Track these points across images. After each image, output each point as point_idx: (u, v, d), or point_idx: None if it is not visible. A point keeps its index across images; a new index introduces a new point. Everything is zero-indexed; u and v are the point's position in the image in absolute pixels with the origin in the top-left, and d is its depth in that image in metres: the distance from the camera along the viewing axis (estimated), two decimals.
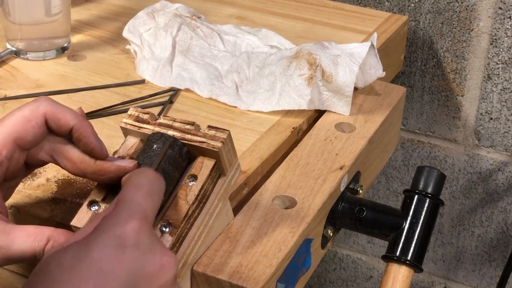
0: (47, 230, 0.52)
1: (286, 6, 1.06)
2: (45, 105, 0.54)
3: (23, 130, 0.53)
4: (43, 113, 0.54)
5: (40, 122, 0.54)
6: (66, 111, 0.54)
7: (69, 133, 0.54)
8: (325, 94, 0.78)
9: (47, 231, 0.52)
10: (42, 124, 0.54)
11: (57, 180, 0.67)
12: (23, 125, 0.53)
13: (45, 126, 0.54)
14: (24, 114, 0.54)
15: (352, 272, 1.36)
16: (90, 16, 1.02)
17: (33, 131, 0.54)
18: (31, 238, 0.51)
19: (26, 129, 0.53)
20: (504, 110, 1.08)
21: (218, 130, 0.56)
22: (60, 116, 0.54)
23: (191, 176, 0.56)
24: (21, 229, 0.51)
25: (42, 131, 0.54)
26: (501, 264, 1.20)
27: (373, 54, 0.82)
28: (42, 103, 0.54)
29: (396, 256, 0.69)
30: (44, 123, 0.54)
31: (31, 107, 0.54)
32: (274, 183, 0.68)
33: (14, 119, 0.54)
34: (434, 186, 0.72)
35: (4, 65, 0.88)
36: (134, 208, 0.46)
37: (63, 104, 0.55)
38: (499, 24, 1.03)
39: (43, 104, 0.54)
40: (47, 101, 0.54)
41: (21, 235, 0.51)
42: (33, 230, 0.51)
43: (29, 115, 0.54)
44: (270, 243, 0.60)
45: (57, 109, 0.54)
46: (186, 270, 0.56)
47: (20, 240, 0.51)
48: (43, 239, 0.51)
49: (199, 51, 0.87)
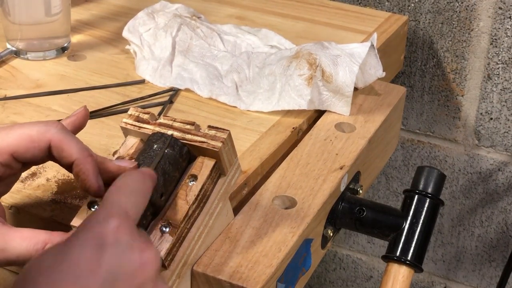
0: (43, 234, 0.51)
1: (286, 6, 1.06)
2: (53, 133, 0.54)
3: (23, 148, 0.53)
4: (48, 140, 0.54)
5: (43, 147, 0.54)
6: (72, 144, 0.54)
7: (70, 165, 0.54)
8: (325, 94, 0.78)
9: (43, 235, 0.51)
10: (44, 149, 0.54)
11: (57, 180, 0.67)
12: (26, 143, 0.53)
13: (47, 151, 0.54)
14: (31, 134, 0.53)
15: (352, 272, 1.36)
16: (90, 16, 1.02)
17: (33, 152, 0.54)
18: (26, 241, 0.51)
19: (27, 148, 0.53)
20: (504, 110, 1.08)
21: (218, 130, 0.56)
22: (65, 147, 0.53)
23: (191, 176, 0.56)
24: (16, 231, 0.51)
25: (43, 155, 0.54)
26: (501, 264, 1.20)
27: (373, 54, 0.82)
28: (52, 130, 0.54)
29: (396, 256, 0.69)
30: (47, 149, 0.54)
31: (39, 129, 0.54)
32: (274, 183, 0.68)
33: (20, 133, 0.53)
34: (434, 186, 0.72)
35: (4, 65, 0.88)
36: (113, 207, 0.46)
37: (72, 135, 0.55)
38: (499, 24, 1.03)
39: (52, 131, 0.54)
40: (57, 129, 0.54)
41: (16, 238, 0.51)
42: (28, 233, 0.51)
43: (35, 136, 0.53)
44: (270, 243, 0.60)
45: (63, 140, 0.54)
46: (186, 270, 0.56)
47: (15, 243, 0.51)
48: (39, 243, 0.51)
49: (199, 51, 0.87)
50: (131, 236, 0.45)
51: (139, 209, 0.48)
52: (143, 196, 0.49)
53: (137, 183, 0.49)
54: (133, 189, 0.48)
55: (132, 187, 0.48)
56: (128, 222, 0.45)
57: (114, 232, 0.44)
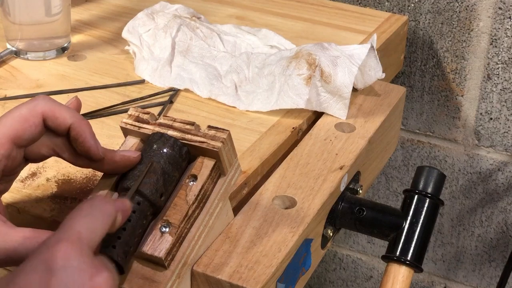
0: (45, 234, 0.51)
1: (286, 6, 1.06)
2: (43, 104, 0.54)
3: (20, 129, 0.53)
4: (40, 112, 0.54)
5: (38, 121, 0.54)
6: (64, 109, 0.54)
7: (67, 131, 0.54)
8: (323, 96, 0.78)
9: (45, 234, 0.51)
10: (39, 123, 0.54)
11: (57, 180, 0.67)
12: (20, 124, 0.53)
13: (42, 125, 0.54)
14: (22, 113, 0.54)
15: (352, 272, 1.36)
16: (90, 16, 1.02)
17: (30, 130, 0.54)
18: (28, 241, 0.51)
19: (24, 128, 0.53)
20: (504, 110, 1.08)
21: (218, 130, 0.56)
22: (58, 115, 0.54)
23: (191, 176, 0.56)
24: (18, 231, 0.51)
25: (40, 130, 0.54)
26: (501, 264, 1.20)
27: (373, 55, 0.82)
28: (40, 102, 0.54)
29: (396, 256, 0.69)
30: (42, 122, 0.54)
31: (29, 106, 0.54)
32: (274, 183, 0.68)
33: (12, 118, 0.53)
34: (434, 186, 0.72)
35: (4, 65, 0.88)
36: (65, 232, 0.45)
37: (61, 103, 0.55)
38: (499, 24, 1.03)
39: (41, 103, 0.54)
40: (45, 100, 0.54)
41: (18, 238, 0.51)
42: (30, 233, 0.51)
43: (27, 114, 0.53)
44: (270, 243, 0.60)
45: (55, 108, 0.54)
46: (186, 270, 0.56)
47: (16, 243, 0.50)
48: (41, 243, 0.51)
49: (198, 51, 0.87)
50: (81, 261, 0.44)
51: (94, 233, 0.47)
52: (100, 220, 0.47)
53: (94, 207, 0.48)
54: (89, 214, 0.47)
55: (89, 211, 0.47)
56: (79, 246, 0.44)
57: (62, 256, 0.43)
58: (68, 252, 0.44)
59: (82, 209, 0.47)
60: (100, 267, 0.45)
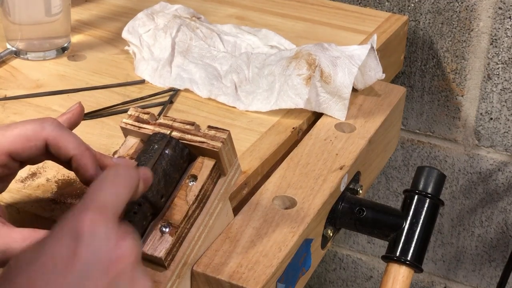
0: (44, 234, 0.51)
1: (286, 6, 1.06)
2: (49, 130, 0.54)
3: (20, 147, 0.53)
4: (44, 137, 0.53)
5: (40, 145, 0.54)
6: (68, 139, 0.54)
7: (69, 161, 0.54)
8: (322, 96, 0.78)
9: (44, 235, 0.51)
10: (41, 147, 0.54)
11: (57, 180, 0.67)
12: (22, 143, 0.53)
13: (44, 149, 0.54)
14: (27, 133, 0.53)
15: (352, 272, 1.36)
16: (90, 16, 1.02)
17: (30, 151, 0.54)
18: (27, 241, 0.51)
19: (24, 148, 0.53)
20: (504, 110, 1.08)
21: (218, 130, 0.56)
22: (61, 144, 0.53)
23: (191, 176, 0.56)
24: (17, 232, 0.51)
25: (41, 153, 0.54)
26: (501, 264, 1.20)
27: (373, 56, 0.82)
28: (47, 127, 0.54)
29: (396, 256, 0.69)
30: (44, 147, 0.54)
31: (35, 128, 0.54)
32: (274, 183, 0.68)
33: (15, 134, 0.53)
34: (434, 186, 0.72)
35: (4, 65, 0.88)
36: (90, 201, 0.45)
37: (68, 130, 0.55)
38: (499, 24, 1.03)
39: (47, 129, 0.54)
40: (52, 126, 0.54)
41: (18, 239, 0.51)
42: (29, 233, 0.51)
43: (31, 135, 0.53)
44: (270, 243, 0.60)
45: (60, 136, 0.54)
46: (186, 270, 0.56)
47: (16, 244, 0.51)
48: None
49: (198, 51, 0.87)
50: (107, 228, 0.44)
51: (119, 200, 0.47)
52: (124, 187, 0.48)
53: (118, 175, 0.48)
54: (113, 181, 0.47)
55: (113, 180, 0.48)
56: (105, 214, 0.45)
57: (89, 224, 0.44)
58: (94, 220, 0.44)
59: (107, 177, 0.48)
60: (124, 234, 0.45)
